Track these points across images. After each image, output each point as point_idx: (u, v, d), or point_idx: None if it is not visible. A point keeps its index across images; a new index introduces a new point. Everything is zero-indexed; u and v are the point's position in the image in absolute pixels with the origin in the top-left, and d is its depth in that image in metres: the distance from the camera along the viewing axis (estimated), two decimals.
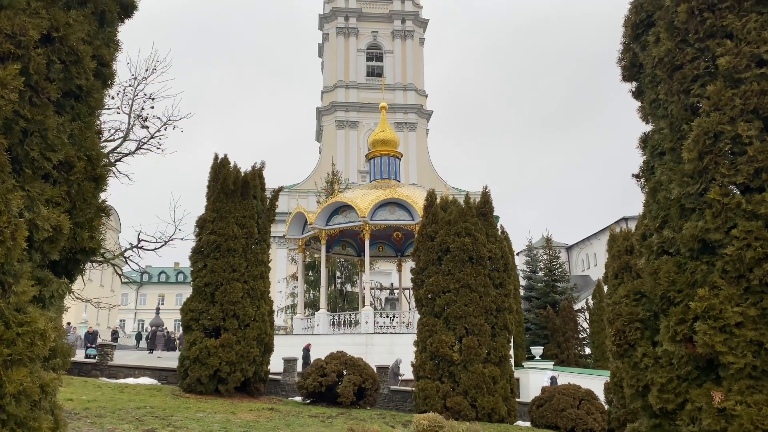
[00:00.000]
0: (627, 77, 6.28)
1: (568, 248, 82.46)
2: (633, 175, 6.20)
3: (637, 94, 6.25)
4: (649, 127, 6.05)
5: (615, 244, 14.28)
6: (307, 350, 24.22)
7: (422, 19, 63.00)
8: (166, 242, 16.24)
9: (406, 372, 21.72)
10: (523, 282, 44.21)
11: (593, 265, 75.63)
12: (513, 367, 20.77)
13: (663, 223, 5.24)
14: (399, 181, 33.38)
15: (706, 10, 5.05)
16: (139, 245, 16.09)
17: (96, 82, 3.77)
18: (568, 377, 25.41)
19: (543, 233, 51.36)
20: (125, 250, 16.41)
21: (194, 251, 18.71)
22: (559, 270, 45.44)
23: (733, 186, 4.70)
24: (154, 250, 16.37)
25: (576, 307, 43.44)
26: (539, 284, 44.26)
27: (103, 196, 4.10)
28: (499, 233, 22.45)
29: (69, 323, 42.27)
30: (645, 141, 6.05)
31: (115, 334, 42.58)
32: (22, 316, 3.15)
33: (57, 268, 3.76)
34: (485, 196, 21.07)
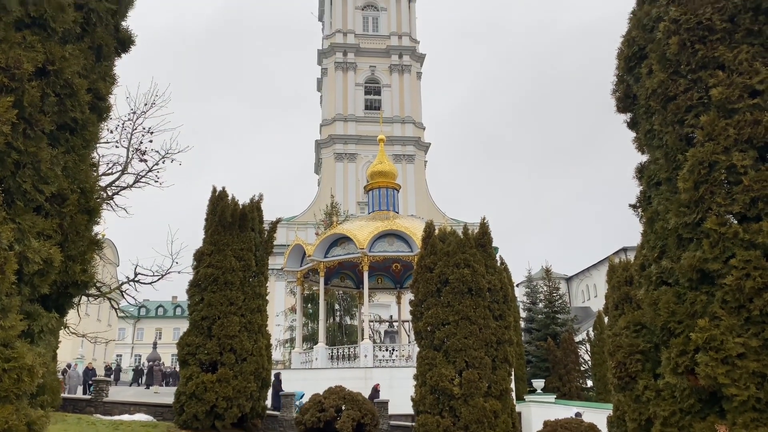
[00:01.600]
0: (621, 108, 6.33)
1: (568, 279, 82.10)
2: (630, 206, 6.20)
3: (632, 125, 6.29)
4: (644, 158, 6.07)
5: (614, 275, 14.19)
6: (278, 378, 22.97)
7: (419, 54, 63.90)
8: (162, 276, 16.14)
9: (405, 406, 21.33)
10: (523, 314, 43.87)
11: (593, 296, 75.21)
12: (514, 401, 20.47)
13: (661, 253, 5.21)
14: (397, 213, 33.41)
15: (697, 42, 5.11)
16: (136, 279, 15.98)
17: (91, 116, 3.77)
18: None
19: (542, 264, 51.16)
20: (122, 284, 16.31)
21: (191, 284, 18.58)
22: (560, 301, 45.15)
23: (729, 215, 4.69)
24: (150, 283, 16.27)
25: (577, 338, 43.02)
26: (539, 316, 43.92)
27: (97, 229, 4.07)
28: (498, 264, 22.35)
29: (73, 363, 41.69)
30: (641, 171, 6.07)
31: (109, 371, 41.92)
32: (9, 351, 3.08)
33: (47, 302, 3.70)
34: (483, 227, 21.04)
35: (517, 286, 48.62)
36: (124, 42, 4.23)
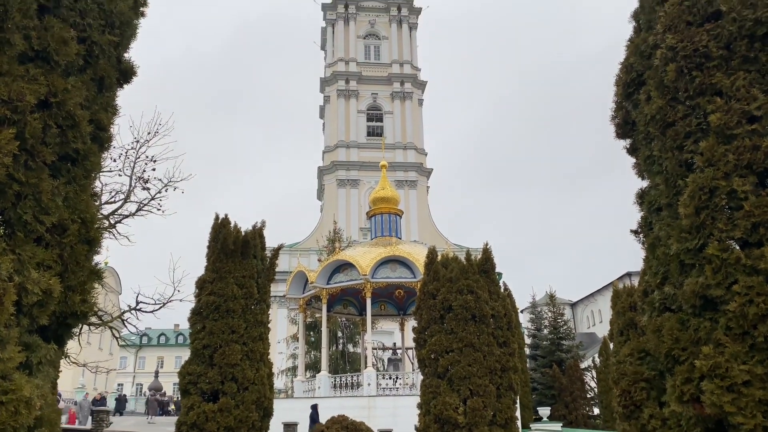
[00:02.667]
0: (620, 134, 6.36)
1: (573, 305, 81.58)
2: (632, 231, 6.19)
3: (632, 151, 6.31)
4: (644, 183, 6.07)
5: (618, 301, 14.11)
6: (315, 410, 23.20)
7: (420, 81, 64.56)
8: (164, 304, 16.08)
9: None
10: (528, 340, 43.49)
11: (598, 321, 74.64)
12: (520, 429, 20.15)
13: (663, 279, 5.18)
14: (400, 239, 33.37)
15: (694, 69, 5.15)
16: (138, 307, 15.93)
17: (93, 146, 3.81)
18: None
19: (546, 290, 50.89)
20: (123, 313, 16.25)
21: (193, 312, 18.47)
22: (564, 327, 44.78)
23: (731, 241, 4.67)
24: (152, 312, 16.20)
25: (582, 365, 42.56)
26: (544, 342, 43.53)
27: (99, 257, 4.07)
28: (502, 291, 22.23)
29: (84, 393, 41.17)
30: (642, 197, 6.07)
31: (101, 400, 41.25)
32: (6, 383, 3.06)
33: (46, 333, 3.69)
34: (486, 252, 20.97)
35: (522, 312, 48.30)
36: (126, 73, 4.29)
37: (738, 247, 4.69)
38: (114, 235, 15.19)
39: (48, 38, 3.42)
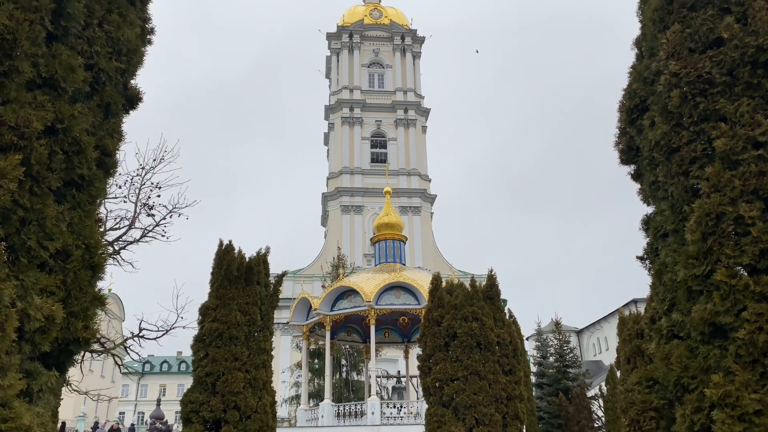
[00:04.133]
0: (625, 160, 6.36)
1: (579, 332, 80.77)
2: (637, 258, 6.15)
3: (636, 177, 6.31)
4: (650, 209, 6.05)
5: (625, 328, 13.98)
6: None
7: (424, 108, 65.10)
8: (167, 331, 15.99)
9: None
10: (533, 368, 42.97)
11: (605, 349, 73.79)
12: None
13: (671, 305, 5.13)
14: (404, 265, 33.23)
15: (698, 95, 5.17)
16: (140, 334, 15.84)
17: (98, 172, 3.82)
18: None
19: (552, 317, 50.46)
20: (126, 340, 16.15)
21: (196, 340, 18.35)
22: (570, 355, 44.26)
23: (739, 267, 4.63)
24: (155, 339, 16.10)
25: (589, 393, 41.95)
26: (550, 370, 42.99)
27: (103, 284, 4.05)
28: (507, 317, 22.03)
29: (106, 422, 40.58)
30: (647, 223, 6.04)
31: (96, 428, 40.63)
32: (6, 411, 3.02)
33: (48, 360, 3.65)
34: (491, 279, 20.82)
35: (527, 339, 47.84)
36: (132, 99, 4.34)
37: (746, 274, 4.64)
38: (118, 261, 15.19)
39: (56, 65, 3.46)
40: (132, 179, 16.02)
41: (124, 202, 15.78)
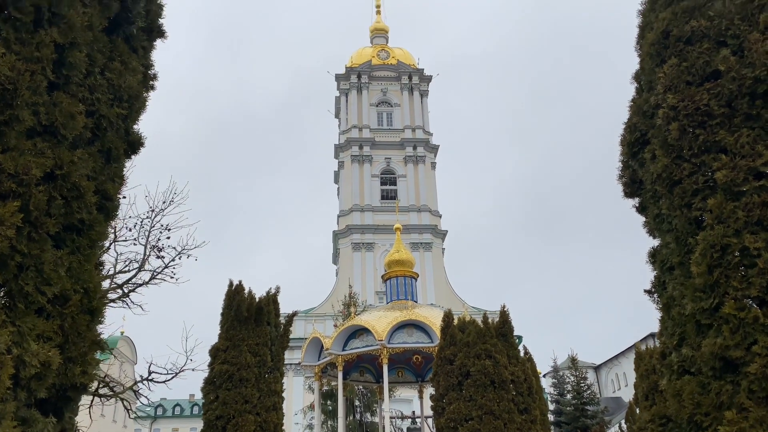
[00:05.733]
0: (628, 194, 6.33)
1: (596, 368, 79.12)
2: (645, 291, 6.06)
3: (641, 210, 6.27)
4: (656, 242, 5.99)
5: (642, 363, 13.72)
6: None
7: (433, 145, 65.60)
8: (176, 374, 15.87)
9: None
10: (551, 406, 42.04)
11: (624, 385, 72.11)
12: None
13: (680, 340, 5.02)
14: (416, 302, 32.95)
15: (697, 127, 5.16)
16: (150, 377, 15.73)
17: (98, 216, 3.86)
18: None
19: (568, 353, 49.59)
20: (135, 383, 16.03)
21: (206, 382, 18.20)
22: (588, 392, 43.30)
23: (748, 299, 4.54)
24: (164, 382, 15.98)
25: None
26: (568, 408, 42.02)
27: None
28: (522, 354, 21.65)
29: None
30: (654, 256, 5.97)
31: None
32: None
33: (45, 406, 3.62)
34: (504, 315, 20.56)
35: (544, 376, 46.93)
36: (134, 144, 4.41)
37: (756, 306, 4.54)
38: (127, 304, 15.21)
39: (56, 113, 3.53)
40: (142, 222, 16.17)
41: (134, 244, 15.90)
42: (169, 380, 16.09)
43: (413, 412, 41.53)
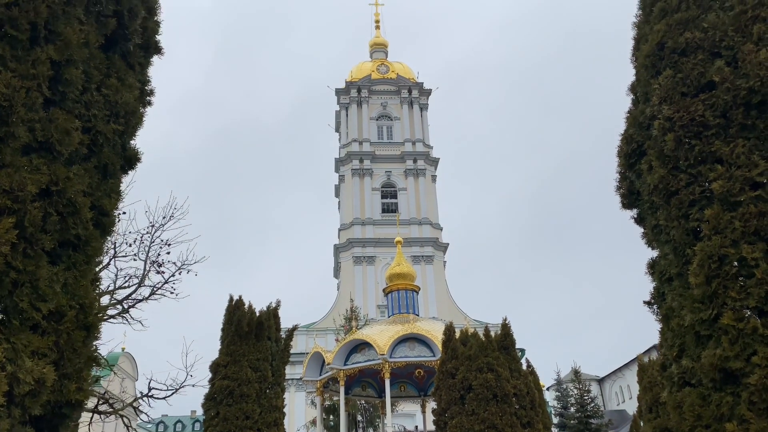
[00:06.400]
0: (626, 205, 6.33)
1: (600, 380, 78.57)
2: (645, 302, 6.03)
3: (639, 221, 6.26)
4: (654, 253, 5.98)
5: (645, 375, 13.63)
6: None
7: (433, 158, 65.77)
8: (176, 390, 15.78)
9: None
10: (555, 419, 41.73)
11: (628, 398, 71.58)
12: None
13: (680, 351, 4.99)
14: (418, 315, 32.81)
15: (693, 138, 5.17)
16: (150, 394, 15.63)
17: (95, 231, 3.86)
18: None
19: (571, 365, 49.30)
20: (135, 400, 15.94)
21: (207, 398, 18.10)
22: (592, 405, 42.99)
23: (746, 310, 4.52)
24: (164, 398, 15.87)
25: None
26: (572, 421, 41.71)
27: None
28: (525, 368, 21.51)
29: None
30: (652, 267, 5.95)
31: None
32: None
33: (40, 424, 3.60)
34: (505, 328, 20.44)
35: (547, 389, 46.62)
36: (130, 160, 4.43)
37: (755, 316, 4.52)
38: (127, 320, 15.17)
39: (52, 130, 3.55)
40: (142, 237, 16.17)
41: (134, 260, 15.88)
42: (169, 396, 16.00)
43: (416, 427, 41.21)
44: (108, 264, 14.75)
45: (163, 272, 16.07)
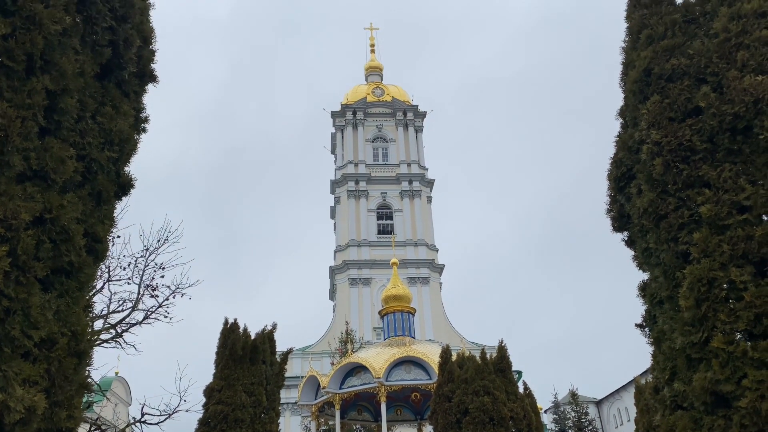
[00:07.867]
0: (617, 228, 6.39)
1: (598, 403, 77.97)
2: (636, 325, 6.06)
3: (630, 243, 6.31)
4: (645, 276, 6.02)
5: (642, 397, 13.54)
6: None
7: (428, 179, 66.07)
8: (170, 415, 15.61)
9: None
10: None
11: (626, 420, 70.99)
12: None
13: (672, 374, 5.01)
14: (414, 338, 32.62)
15: (681, 162, 5.25)
16: (143, 419, 15.47)
17: (87, 258, 3.88)
18: None
19: (569, 387, 49.03)
20: (128, 425, 15.76)
21: (201, 423, 17.87)
22: (589, 428, 42.68)
23: (736, 333, 4.55)
24: (157, 423, 15.71)
25: None
26: None
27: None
28: (522, 390, 21.37)
29: None
30: (644, 289, 6.00)
31: None
32: None
33: None
34: (501, 350, 20.35)
35: (545, 412, 46.26)
36: (124, 186, 4.47)
37: (745, 340, 4.55)
38: (121, 344, 15.07)
39: (46, 158, 3.60)
40: (136, 261, 16.14)
41: (128, 284, 15.83)
42: (162, 422, 15.82)
43: None
44: (102, 288, 14.70)
45: (157, 296, 16.02)
